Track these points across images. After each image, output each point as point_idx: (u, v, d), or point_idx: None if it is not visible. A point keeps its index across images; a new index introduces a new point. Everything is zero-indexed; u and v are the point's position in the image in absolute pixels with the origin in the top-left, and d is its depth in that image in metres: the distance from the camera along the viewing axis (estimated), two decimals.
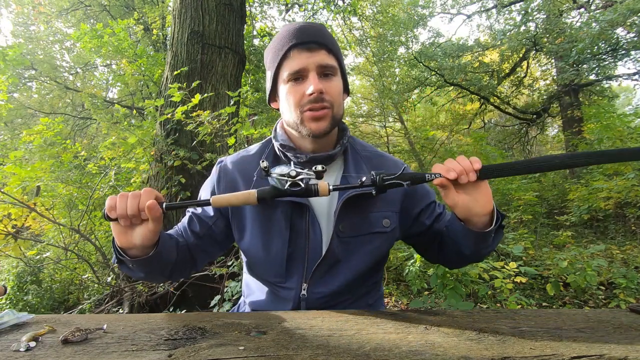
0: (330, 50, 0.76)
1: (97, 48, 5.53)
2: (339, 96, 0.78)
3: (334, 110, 0.76)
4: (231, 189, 0.81)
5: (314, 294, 0.78)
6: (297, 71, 0.74)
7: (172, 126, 2.91)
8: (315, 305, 0.79)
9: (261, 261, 0.81)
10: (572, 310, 0.74)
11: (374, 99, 12.94)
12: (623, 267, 3.06)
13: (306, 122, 0.75)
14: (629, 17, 5.97)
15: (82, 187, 3.39)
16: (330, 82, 0.76)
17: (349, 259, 0.79)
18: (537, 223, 4.84)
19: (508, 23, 9.43)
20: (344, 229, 0.78)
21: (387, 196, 0.80)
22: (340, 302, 0.82)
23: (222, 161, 0.88)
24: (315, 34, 0.75)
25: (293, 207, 0.77)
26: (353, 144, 0.89)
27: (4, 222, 2.50)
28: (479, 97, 9.76)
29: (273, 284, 0.81)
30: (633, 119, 5.52)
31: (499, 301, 2.32)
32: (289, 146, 0.81)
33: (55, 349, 0.53)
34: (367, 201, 0.80)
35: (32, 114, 9.31)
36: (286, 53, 0.75)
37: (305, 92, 0.74)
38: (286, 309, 0.79)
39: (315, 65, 0.74)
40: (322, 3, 7.36)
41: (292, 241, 0.77)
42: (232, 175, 0.84)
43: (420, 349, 0.52)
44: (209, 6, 3.23)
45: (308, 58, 0.74)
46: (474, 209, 0.71)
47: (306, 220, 0.78)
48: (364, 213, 0.80)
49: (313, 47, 0.74)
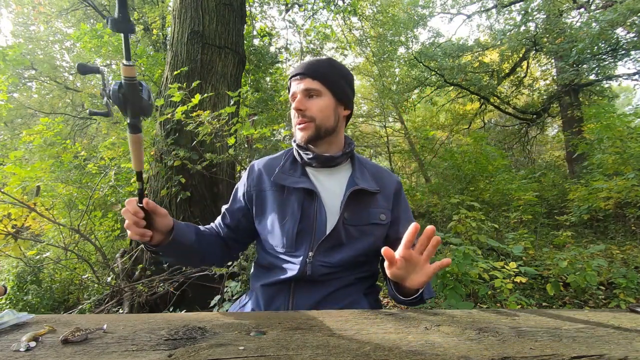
0: (314, 77, 0.98)
1: (97, 48, 5.53)
2: (320, 111, 0.97)
3: (317, 121, 0.97)
4: (257, 181, 1.04)
5: (318, 261, 0.92)
6: (291, 95, 1.01)
7: (172, 126, 2.91)
8: (317, 271, 0.92)
9: (277, 235, 0.97)
10: (572, 310, 0.74)
11: (374, 99, 12.94)
12: (623, 267, 3.06)
13: (296, 132, 1.00)
14: (629, 17, 5.97)
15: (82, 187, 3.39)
16: (311, 101, 0.97)
17: (350, 242, 0.95)
18: (537, 223, 4.84)
19: (508, 23, 9.42)
20: (348, 217, 0.95)
21: (383, 196, 1.02)
22: (338, 276, 0.94)
23: (252, 164, 1.11)
24: (304, 67, 0.99)
25: (305, 194, 0.96)
26: (359, 157, 1.09)
27: (4, 222, 2.50)
28: (479, 97, 9.76)
29: (284, 253, 0.96)
30: (633, 119, 5.51)
31: (499, 301, 2.32)
32: (301, 146, 1.02)
33: (55, 349, 0.53)
34: (368, 198, 0.99)
35: (32, 114, 9.31)
36: (290, 84, 1.03)
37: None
38: (293, 273, 0.91)
39: (300, 90, 0.97)
40: (322, 3, 7.36)
41: (302, 220, 0.95)
42: (258, 172, 1.06)
43: (420, 349, 0.52)
44: (209, 6, 3.23)
45: (296, 85, 0.99)
46: (404, 282, 0.80)
47: (315, 205, 0.96)
48: (365, 207, 0.98)
49: (299, 77, 0.99)
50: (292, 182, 0.98)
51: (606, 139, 5.33)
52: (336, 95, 1.01)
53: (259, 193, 1.03)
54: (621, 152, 4.87)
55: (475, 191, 5.54)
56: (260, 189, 1.03)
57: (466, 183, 5.75)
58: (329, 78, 1.00)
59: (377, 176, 1.04)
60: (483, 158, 5.76)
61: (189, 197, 2.81)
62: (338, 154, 1.01)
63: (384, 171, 1.10)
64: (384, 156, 11.37)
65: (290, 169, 1.02)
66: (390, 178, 1.07)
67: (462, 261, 1.96)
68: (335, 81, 1.01)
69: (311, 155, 0.99)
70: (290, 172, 1.01)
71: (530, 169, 8.32)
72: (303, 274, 0.91)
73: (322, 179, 1.01)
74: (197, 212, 2.83)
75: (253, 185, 1.04)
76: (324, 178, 1.01)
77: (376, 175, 1.05)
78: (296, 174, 1.00)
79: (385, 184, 1.04)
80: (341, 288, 0.94)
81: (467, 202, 3.49)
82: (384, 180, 1.05)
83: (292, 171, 1.01)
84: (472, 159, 5.81)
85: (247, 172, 1.10)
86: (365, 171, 1.04)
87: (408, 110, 11.13)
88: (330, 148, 1.02)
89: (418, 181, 11.06)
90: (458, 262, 1.95)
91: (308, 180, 0.98)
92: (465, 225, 2.66)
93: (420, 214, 6.28)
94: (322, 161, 0.99)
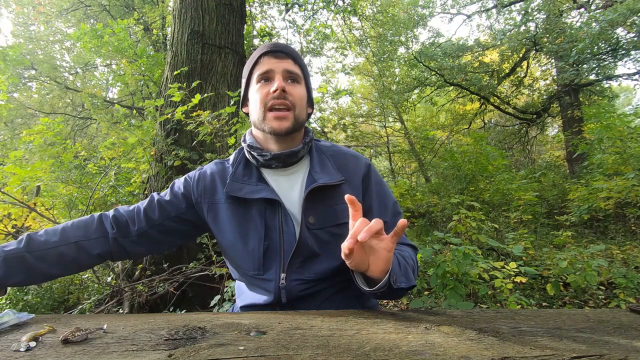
0: (296, 61, 0.86)
1: (97, 48, 5.53)
2: (301, 100, 0.85)
3: (296, 111, 0.83)
4: (210, 190, 0.89)
5: (293, 282, 0.81)
6: (265, 72, 0.84)
7: (172, 126, 2.91)
8: (295, 295, 0.81)
9: (240, 256, 0.85)
10: (572, 310, 0.74)
11: (374, 99, 12.95)
12: (623, 267, 3.06)
13: (268, 120, 0.83)
14: (629, 17, 5.97)
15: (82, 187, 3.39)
16: (294, 87, 0.85)
17: (324, 249, 0.83)
18: (537, 223, 4.84)
19: (508, 23, 9.43)
20: (313, 220, 0.83)
21: (350, 186, 0.86)
22: (322, 290, 0.84)
23: (202, 168, 0.95)
24: (285, 47, 0.86)
25: (266, 204, 0.83)
26: (318, 145, 0.94)
27: (4, 222, 2.50)
28: (479, 97, 9.76)
29: (252, 277, 0.85)
30: (633, 119, 5.52)
31: (499, 301, 2.32)
32: (255, 146, 0.87)
33: (55, 349, 0.53)
34: (333, 193, 0.84)
35: (32, 114, 9.31)
36: (257, 60, 0.86)
37: (270, 90, 0.82)
38: (268, 300, 0.82)
39: (281, 69, 0.84)
40: (322, 3, 7.36)
41: (267, 236, 0.82)
42: (209, 180, 0.90)
43: (420, 349, 0.52)
44: (209, 6, 3.23)
45: (276, 63, 0.84)
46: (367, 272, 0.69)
47: (279, 215, 0.83)
48: (331, 204, 0.84)
49: (280, 55, 0.85)
50: (249, 192, 0.83)
51: (606, 139, 5.33)
52: (307, 87, 0.90)
53: (211, 205, 0.87)
54: (621, 152, 4.87)
55: (475, 191, 5.54)
56: (213, 200, 0.87)
57: (466, 183, 5.75)
58: (305, 67, 0.90)
59: (340, 164, 0.89)
60: (483, 158, 5.76)
61: None
62: (299, 147, 0.86)
63: (349, 155, 0.93)
64: (384, 156, 11.36)
65: (244, 175, 0.87)
66: (356, 162, 0.91)
67: (462, 261, 1.95)
68: (308, 73, 0.91)
69: (269, 156, 0.84)
70: (245, 180, 0.86)
71: (530, 169, 8.32)
72: (278, 301, 0.81)
73: (282, 182, 0.87)
74: None
75: (204, 196, 0.88)
76: (284, 180, 0.87)
77: (340, 162, 0.89)
78: (252, 181, 0.86)
79: (351, 170, 0.88)
80: (330, 297, 0.85)
81: (467, 202, 3.48)
82: (348, 166, 0.89)
83: (246, 177, 0.86)
84: (472, 159, 5.81)
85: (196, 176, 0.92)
86: (326, 160, 0.89)
87: (408, 110, 11.14)
88: (292, 145, 0.87)
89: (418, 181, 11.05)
90: (458, 262, 1.95)
91: (267, 187, 0.84)
92: (465, 225, 2.66)
93: (420, 214, 6.27)
94: (283, 159, 0.85)
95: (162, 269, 2.61)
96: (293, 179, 0.87)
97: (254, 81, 0.86)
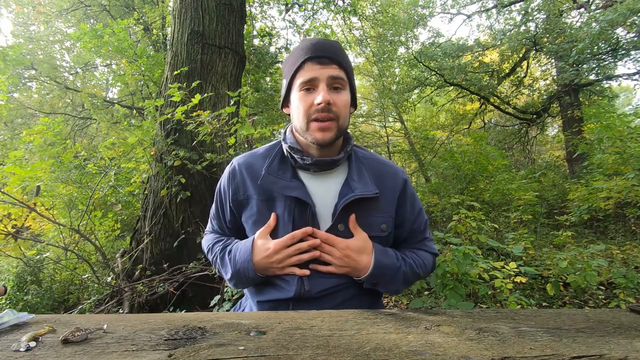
0: (341, 65, 0.82)
1: (97, 48, 5.53)
2: (345, 108, 0.83)
3: (339, 122, 0.82)
4: (241, 185, 0.90)
5: (313, 284, 0.82)
6: (308, 80, 0.81)
7: (172, 126, 2.91)
8: (314, 295, 0.82)
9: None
10: (572, 310, 0.73)
11: (374, 99, 12.94)
12: (623, 267, 3.06)
13: (312, 131, 0.82)
14: (629, 17, 5.97)
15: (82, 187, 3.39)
16: (338, 95, 0.82)
17: None
18: (537, 223, 4.84)
19: (508, 23, 9.43)
20: (343, 228, 0.83)
21: (386, 199, 0.87)
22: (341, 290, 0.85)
23: (232, 163, 0.95)
24: (329, 49, 0.82)
25: (296, 204, 0.83)
26: (357, 153, 0.94)
27: (4, 222, 2.49)
28: (479, 97, 9.76)
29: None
30: (633, 119, 5.52)
31: (499, 301, 2.32)
32: (296, 149, 0.87)
33: (55, 349, 0.53)
34: (368, 205, 0.85)
35: (32, 114, 9.31)
36: (301, 64, 0.82)
37: (314, 101, 0.80)
38: (290, 294, 0.82)
39: (326, 77, 0.80)
40: (322, 3, 7.36)
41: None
42: (240, 175, 0.91)
43: (420, 349, 0.52)
44: (209, 6, 3.23)
45: (320, 70, 0.80)
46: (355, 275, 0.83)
47: (307, 216, 0.83)
48: (364, 215, 0.84)
49: (325, 61, 0.81)
50: (282, 187, 0.83)
51: (606, 139, 5.33)
52: (352, 89, 0.87)
53: (245, 199, 0.89)
54: (621, 152, 4.87)
55: (475, 191, 5.54)
56: (247, 194, 0.88)
57: (466, 183, 5.75)
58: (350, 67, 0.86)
59: (377, 175, 0.89)
60: (483, 158, 5.76)
61: (189, 197, 2.81)
62: (340, 156, 0.86)
63: (387, 167, 0.93)
64: (384, 156, 11.36)
65: (279, 170, 0.87)
66: (394, 176, 0.91)
67: (462, 261, 1.95)
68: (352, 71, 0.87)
69: (310, 161, 0.84)
70: (280, 174, 0.86)
71: (530, 169, 8.32)
72: (301, 293, 0.81)
73: (316, 184, 0.87)
74: (197, 212, 2.83)
75: (239, 193, 0.90)
76: (318, 183, 0.87)
77: (377, 174, 0.89)
78: (286, 177, 0.85)
79: (388, 184, 0.88)
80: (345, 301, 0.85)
81: (467, 202, 3.48)
82: (386, 179, 0.89)
83: (281, 172, 0.86)
84: (472, 159, 5.81)
85: (228, 175, 0.93)
86: (364, 170, 0.88)
87: (408, 110, 11.14)
88: (332, 152, 0.87)
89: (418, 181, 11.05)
90: (458, 262, 1.95)
91: (301, 187, 0.84)
92: (465, 225, 2.66)
93: None
94: (322, 165, 0.85)
95: (162, 269, 2.61)
96: (328, 183, 0.87)
97: (297, 87, 0.84)
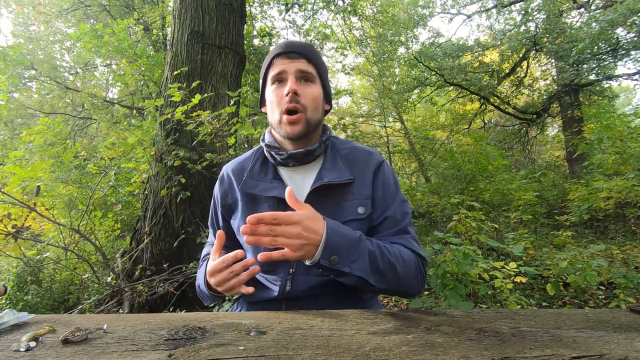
0: (310, 60, 0.86)
1: (97, 48, 5.53)
2: (314, 101, 0.86)
3: (307, 113, 0.84)
4: (229, 190, 0.94)
5: (295, 284, 0.83)
6: (278, 73, 0.85)
7: (172, 126, 2.91)
8: (299, 293, 0.82)
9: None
10: (572, 310, 0.73)
11: (374, 99, 12.95)
12: (623, 267, 3.06)
13: (283, 124, 0.85)
14: (629, 17, 5.97)
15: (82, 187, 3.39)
16: (307, 87, 0.85)
17: None
18: (537, 223, 4.84)
19: (508, 23, 9.44)
20: None
21: (361, 183, 0.87)
22: (327, 291, 0.83)
23: (222, 170, 1.00)
24: (298, 46, 0.87)
25: (279, 203, 0.84)
26: (335, 142, 0.95)
27: (4, 222, 2.49)
28: (479, 97, 9.76)
29: (263, 272, 0.88)
30: (633, 119, 5.52)
31: (499, 301, 2.32)
32: (273, 146, 0.90)
33: (55, 349, 0.53)
34: (342, 190, 0.85)
35: (32, 114, 9.31)
36: (271, 61, 0.88)
37: (283, 92, 0.84)
38: (275, 295, 0.83)
39: (294, 70, 0.84)
40: (322, 3, 7.36)
41: None
42: (228, 180, 0.96)
43: (420, 349, 0.52)
44: (209, 6, 3.23)
45: (289, 63, 0.85)
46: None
47: None
48: (337, 201, 0.85)
49: (293, 56, 0.86)
50: (263, 189, 0.86)
51: (606, 139, 5.33)
52: (324, 85, 0.90)
53: (233, 203, 0.92)
54: (621, 152, 4.87)
55: (475, 191, 5.54)
56: (234, 198, 0.92)
57: (466, 183, 5.76)
58: (321, 64, 0.90)
59: (351, 160, 0.90)
60: (483, 158, 5.76)
61: (189, 197, 2.81)
62: (314, 146, 0.87)
63: (361, 152, 0.93)
64: (384, 156, 11.35)
65: (261, 172, 0.90)
66: (368, 159, 0.91)
67: (462, 261, 1.96)
68: (325, 69, 0.92)
69: (285, 155, 0.87)
70: (261, 177, 0.89)
71: (530, 169, 8.32)
72: (284, 293, 0.82)
73: (297, 179, 0.89)
74: (197, 212, 2.83)
75: (227, 197, 0.93)
76: (299, 177, 0.89)
77: (351, 159, 0.90)
78: (267, 178, 0.88)
79: (362, 165, 0.89)
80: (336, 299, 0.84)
81: (467, 202, 3.49)
82: (359, 162, 0.89)
83: (262, 175, 0.89)
84: (472, 159, 5.81)
85: (218, 181, 0.98)
86: (339, 158, 0.90)
87: (408, 110, 11.14)
88: (308, 144, 0.89)
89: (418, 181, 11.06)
90: (458, 262, 1.95)
91: (281, 185, 0.86)
92: (465, 225, 2.66)
93: (420, 214, 6.27)
94: (299, 158, 0.87)
95: (162, 269, 2.61)
96: (306, 176, 0.88)
97: (269, 83, 0.89)
